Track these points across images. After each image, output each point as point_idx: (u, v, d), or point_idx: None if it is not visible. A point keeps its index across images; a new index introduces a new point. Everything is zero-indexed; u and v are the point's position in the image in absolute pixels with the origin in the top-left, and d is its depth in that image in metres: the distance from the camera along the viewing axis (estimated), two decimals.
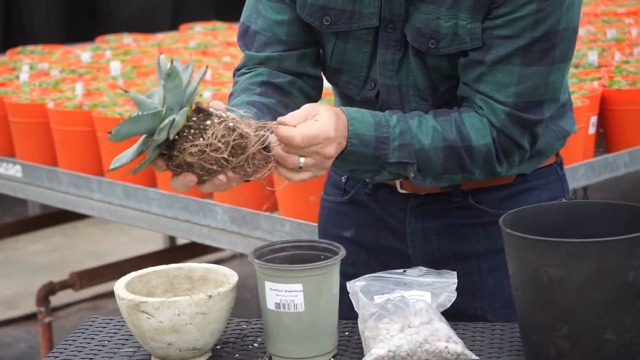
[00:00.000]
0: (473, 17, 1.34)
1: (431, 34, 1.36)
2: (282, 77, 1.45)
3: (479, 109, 1.37)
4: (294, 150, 1.28)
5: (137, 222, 2.59)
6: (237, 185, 1.31)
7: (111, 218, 2.68)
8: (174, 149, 1.24)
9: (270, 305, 1.26)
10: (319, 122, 1.29)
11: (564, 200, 1.52)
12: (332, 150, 1.29)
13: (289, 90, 1.45)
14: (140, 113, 1.23)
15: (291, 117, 1.29)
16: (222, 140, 1.23)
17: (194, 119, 1.25)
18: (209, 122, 1.24)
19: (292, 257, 1.32)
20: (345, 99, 1.51)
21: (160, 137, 1.23)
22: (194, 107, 1.26)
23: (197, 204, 2.41)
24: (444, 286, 1.31)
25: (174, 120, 1.23)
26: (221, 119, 1.25)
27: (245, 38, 1.47)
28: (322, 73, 1.50)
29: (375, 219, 1.54)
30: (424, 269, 1.35)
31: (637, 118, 2.61)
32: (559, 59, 1.35)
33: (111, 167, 1.27)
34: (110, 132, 1.23)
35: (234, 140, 1.24)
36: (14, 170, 2.88)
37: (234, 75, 1.49)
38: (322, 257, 1.31)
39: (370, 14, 1.40)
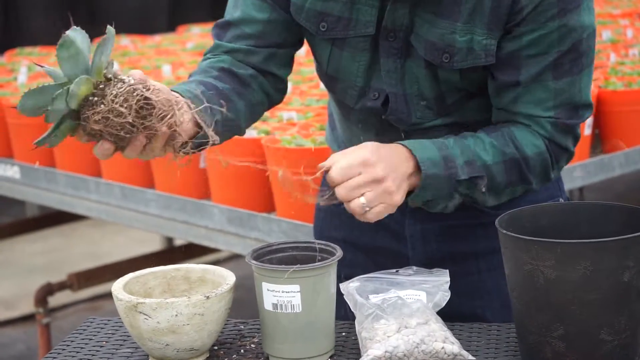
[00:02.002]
0: (489, 34, 1.36)
1: (445, 48, 1.37)
2: (244, 69, 1.45)
3: (525, 125, 1.39)
4: (344, 192, 1.27)
5: (135, 223, 2.60)
6: (164, 154, 1.28)
7: (109, 219, 2.68)
8: (82, 119, 1.23)
9: (268, 306, 1.27)
10: (349, 152, 1.30)
11: (561, 199, 1.53)
12: (378, 171, 1.27)
13: (248, 82, 1.45)
14: (46, 84, 1.21)
15: (328, 160, 1.30)
16: (125, 105, 1.21)
17: (100, 87, 1.23)
18: (114, 89, 1.22)
19: (289, 258, 1.33)
20: (343, 107, 1.51)
21: (55, 106, 1.21)
22: (105, 77, 1.24)
23: (194, 205, 2.41)
24: (438, 285, 1.31)
25: (68, 89, 1.21)
26: (129, 85, 1.22)
27: (220, 28, 1.48)
28: (287, 76, 1.50)
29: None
30: (415, 268, 1.35)
31: (633, 119, 2.62)
32: (586, 65, 1.38)
33: (34, 142, 1.26)
34: (16, 107, 1.22)
35: (137, 103, 1.21)
36: (12, 171, 2.88)
37: (202, 61, 1.49)
38: (319, 258, 1.32)
39: (367, 22, 1.40)
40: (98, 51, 1.24)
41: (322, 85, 2.79)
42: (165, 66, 3.16)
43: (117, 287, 1.32)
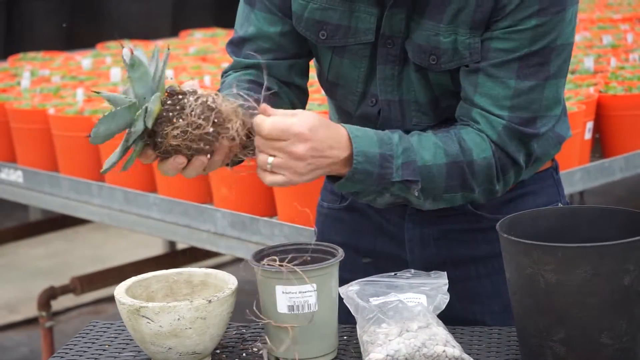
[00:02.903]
0: (472, 32, 1.35)
1: (431, 50, 1.37)
2: (269, 82, 1.45)
3: (475, 124, 1.37)
4: (264, 144, 1.26)
5: (137, 227, 2.60)
6: (222, 166, 1.29)
7: (111, 223, 2.69)
8: (157, 136, 1.24)
9: (282, 309, 1.26)
10: (295, 117, 1.27)
11: (560, 204, 1.53)
12: (301, 150, 1.26)
13: (277, 93, 1.45)
14: (115, 109, 1.23)
15: (273, 109, 1.28)
16: (202, 116, 1.23)
17: (169, 102, 1.24)
18: (185, 102, 1.23)
19: (290, 260, 1.33)
20: (343, 114, 1.51)
21: (137, 127, 1.22)
22: (167, 92, 1.25)
23: (196, 209, 2.42)
24: (437, 287, 1.32)
25: (146, 108, 1.22)
26: (197, 96, 1.24)
27: (235, 45, 1.48)
28: (306, 84, 1.50)
29: (373, 225, 1.55)
30: (413, 270, 1.35)
31: (633, 123, 2.62)
32: (553, 74, 1.35)
33: (102, 169, 1.27)
34: (89, 135, 1.23)
35: (212, 112, 1.23)
36: (15, 175, 2.89)
37: (221, 77, 1.50)
38: (320, 258, 1.32)
39: (367, 30, 1.40)
40: (158, 68, 1.26)
41: (323, 90, 2.79)
42: (168, 71, 3.17)
43: (120, 290, 1.33)
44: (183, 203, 2.45)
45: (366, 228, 1.55)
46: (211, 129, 1.23)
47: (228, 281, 1.35)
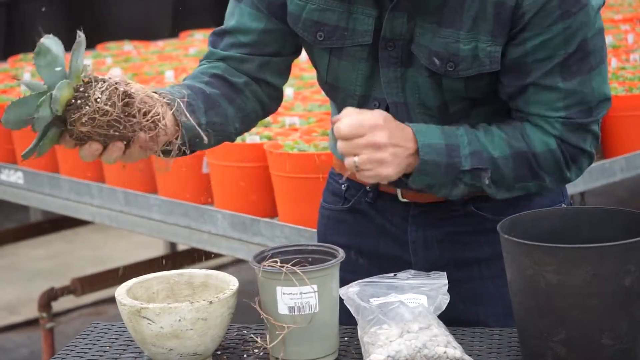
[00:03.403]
0: (493, 40, 1.36)
1: (450, 57, 1.37)
2: (237, 77, 1.46)
3: (537, 124, 1.39)
4: (345, 146, 1.29)
5: (138, 228, 2.60)
6: (145, 155, 1.29)
7: (112, 224, 2.69)
8: (68, 124, 1.24)
9: (283, 310, 1.27)
10: (364, 112, 1.32)
11: (563, 204, 1.53)
12: (381, 138, 1.29)
13: (241, 89, 1.46)
14: (26, 95, 1.22)
15: (344, 112, 1.32)
16: (109, 103, 1.22)
17: (81, 89, 1.24)
18: (97, 89, 1.23)
19: (292, 261, 1.33)
20: None
21: (41, 113, 1.22)
22: (83, 80, 1.24)
23: (197, 210, 2.42)
24: (437, 288, 1.32)
25: (52, 94, 1.22)
26: (106, 83, 1.23)
27: (216, 36, 1.49)
28: (282, 85, 1.51)
29: (376, 227, 1.55)
30: (413, 271, 1.36)
31: (634, 124, 2.62)
32: (596, 64, 1.37)
33: (22, 154, 1.27)
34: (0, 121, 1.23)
35: (120, 100, 1.23)
36: (16, 177, 2.89)
37: (198, 67, 1.50)
38: (321, 259, 1.32)
39: (364, 32, 1.40)
40: (73, 55, 1.25)
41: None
42: (168, 72, 3.17)
43: (121, 292, 1.33)
44: (183, 204, 2.45)
45: (369, 230, 1.55)
46: (118, 116, 1.23)
47: (229, 282, 1.35)
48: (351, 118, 1.30)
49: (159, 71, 3.30)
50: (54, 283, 3.25)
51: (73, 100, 1.23)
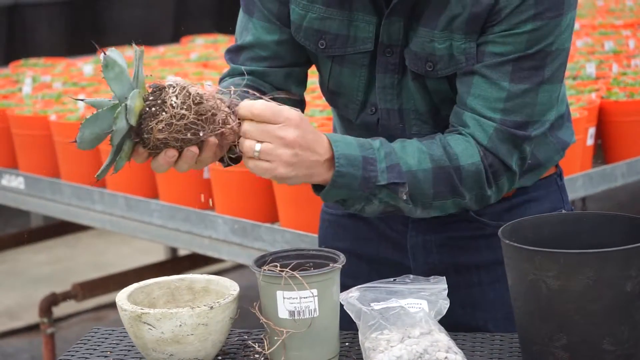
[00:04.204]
0: (467, 37, 1.35)
1: (427, 57, 1.36)
2: (266, 87, 1.46)
3: (466, 129, 1.35)
4: (253, 128, 1.23)
5: (139, 234, 2.60)
6: (214, 159, 1.27)
7: (113, 229, 2.69)
8: (143, 133, 1.24)
9: (283, 314, 1.27)
10: (284, 106, 1.26)
11: (564, 210, 1.53)
12: (292, 135, 1.23)
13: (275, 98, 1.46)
14: (97, 111, 1.23)
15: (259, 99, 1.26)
16: (184, 106, 1.22)
17: (151, 97, 1.24)
18: (165, 94, 1.23)
19: (293, 266, 1.33)
20: (345, 122, 1.51)
21: (119, 125, 1.22)
22: (149, 88, 1.25)
23: (198, 215, 2.42)
24: (436, 292, 1.32)
25: (126, 105, 1.22)
26: (177, 88, 1.23)
27: (232, 52, 1.49)
28: (304, 93, 1.50)
29: (376, 232, 1.55)
30: (412, 276, 1.35)
31: (635, 129, 2.63)
32: (548, 79, 1.34)
33: (96, 174, 1.26)
34: (75, 141, 1.22)
35: (194, 102, 1.23)
36: (17, 182, 2.89)
37: (218, 83, 1.49)
38: (322, 264, 1.32)
39: (365, 39, 1.40)
40: (137, 66, 1.25)
41: None
42: (170, 77, 3.18)
43: (122, 297, 1.33)
44: (184, 209, 2.45)
45: (369, 235, 1.55)
46: (195, 118, 1.23)
47: (230, 287, 1.35)
48: (272, 105, 1.23)
49: (160, 76, 3.31)
50: (55, 288, 3.25)
51: (147, 109, 1.23)
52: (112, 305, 3.74)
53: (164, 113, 1.22)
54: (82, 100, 1.27)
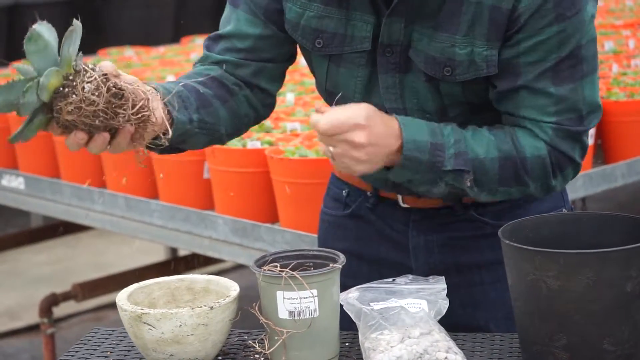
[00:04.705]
0: (489, 44, 1.36)
1: (446, 61, 1.37)
2: (232, 81, 1.46)
3: (528, 128, 1.39)
4: (323, 138, 1.30)
5: (139, 234, 2.60)
6: (131, 149, 1.29)
7: (113, 229, 2.69)
8: (54, 111, 1.24)
9: (283, 314, 1.27)
10: (348, 109, 1.31)
11: (564, 209, 1.53)
12: (361, 138, 1.29)
13: (234, 92, 1.46)
14: (14, 80, 1.22)
15: (328, 107, 1.32)
16: (96, 93, 1.22)
17: (70, 78, 1.23)
18: (85, 78, 1.23)
19: (292, 266, 1.33)
20: None
21: (27, 99, 1.21)
22: (74, 69, 1.24)
23: (198, 215, 2.42)
24: (436, 292, 1.32)
25: (39, 81, 1.21)
26: (95, 73, 1.23)
27: (211, 40, 1.49)
28: (276, 92, 1.51)
29: (377, 232, 1.55)
30: (412, 276, 1.36)
31: (635, 129, 2.63)
32: (587, 72, 1.37)
33: (9, 139, 1.27)
34: None
35: (108, 91, 1.22)
36: (17, 182, 2.89)
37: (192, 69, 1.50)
38: (322, 264, 1.32)
39: (363, 38, 1.40)
40: (66, 43, 1.24)
41: None
42: (170, 77, 3.18)
43: (122, 297, 1.33)
44: (184, 209, 2.45)
45: (370, 235, 1.55)
46: (105, 106, 1.22)
47: (230, 288, 1.35)
48: (333, 115, 1.29)
49: (160, 76, 3.31)
50: (55, 288, 3.25)
51: (61, 88, 1.23)
52: (112, 306, 3.74)
53: (74, 96, 1.22)
54: (7, 63, 1.27)
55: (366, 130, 1.29)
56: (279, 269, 1.27)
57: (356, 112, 1.30)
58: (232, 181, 2.35)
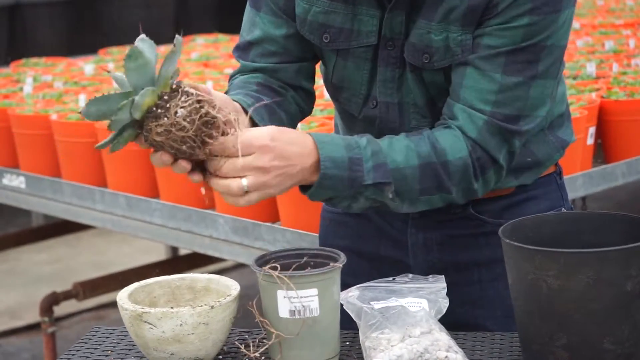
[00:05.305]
0: (464, 29, 1.35)
1: (424, 48, 1.37)
2: (277, 84, 1.46)
3: (455, 122, 1.35)
4: (233, 167, 1.24)
5: (140, 233, 2.60)
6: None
7: (114, 229, 2.69)
8: (144, 130, 1.24)
9: (284, 313, 1.27)
10: (254, 130, 1.27)
11: (563, 209, 1.53)
12: (266, 161, 1.24)
13: (283, 94, 1.46)
14: (110, 92, 1.22)
15: (235, 127, 1.26)
16: (187, 119, 1.21)
17: (165, 98, 1.22)
18: (179, 102, 1.22)
19: (293, 266, 1.34)
20: (347, 116, 1.52)
21: (120, 116, 1.21)
22: (171, 87, 1.23)
23: (199, 214, 2.42)
24: (436, 291, 1.32)
25: (133, 99, 1.21)
26: (190, 98, 1.22)
27: (241, 49, 1.48)
28: (313, 87, 1.51)
29: (376, 230, 1.55)
30: (411, 275, 1.35)
31: (635, 129, 2.63)
32: (541, 74, 1.34)
33: (96, 146, 1.27)
34: (80, 112, 1.23)
35: (200, 119, 1.21)
36: (18, 181, 2.89)
37: (229, 81, 1.50)
38: (322, 263, 1.32)
39: (369, 32, 1.41)
40: (165, 62, 1.24)
41: (326, 95, 2.79)
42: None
43: (122, 296, 1.33)
44: (185, 208, 2.45)
45: (369, 233, 1.56)
46: (194, 133, 1.22)
47: (231, 287, 1.35)
48: (240, 137, 1.24)
49: None
50: (55, 287, 3.26)
51: (154, 108, 1.22)
52: (113, 305, 3.74)
53: (165, 119, 1.21)
54: (108, 72, 1.27)
55: (272, 153, 1.25)
56: (279, 268, 1.28)
57: (261, 132, 1.26)
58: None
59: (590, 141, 2.54)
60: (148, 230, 2.56)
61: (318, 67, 1.54)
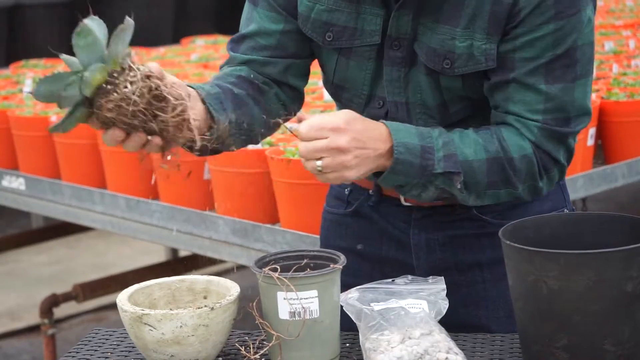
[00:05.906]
0: (488, 38, 1.36)
1: (446, 54, 1.37)
2: (261, 79, 1.46)
3: (514, 128, 1.38)
4: (306, 150, 1.28)
5: (140, 234, 2.60)
6: (165, 152, 1.29)
7: (114, 230, 2.69)
8: (95, 107, 1.24)
9: (284, 315, 1.27)
10: (327, 115, 1.31)
11: (565, 209, 1.53)
12: (343, 141, 1.28)
13: (265, 90, 1.46)
14: (59, 71, 1.22)
15: (307, 115, 1.31)
16: (137, 93, 1.22)
17: (114, 75, 1.23)
18: (128, 77, 1.22)
19: (292, 266, 1.33)
20: None
21: (69, 92, 1.21)
22: (121, 66, 1.24)
23: (198, 216, 2.42)
24: (435, 293, 1.32)
25: (82, 76, 1.21)
26: (140, 73, 1.23)
27: (234, 42, 1.49)
28: (304, 87, 1.51)
29: (378, 230, 1.55)
30: (411, 276, 1.36)
31: (635, 130, 2.63)
32: (580, 74, 1.37)
33: (49, 129, 1.27)
34: (30, 92, 1.23)
35: (149, 92, 1.22)
36: (17, 183, 2.89)
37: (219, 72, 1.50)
38: (323, 265, 1.32)
39: (373, 32, 1.41)
40: (114, 40, 1.24)
41: (326, 96, 2.79)
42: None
43: (122, 298, 1.33)
44: (185, 210, 2.45)
45: (372, 233, 1.55)
46: (145, 107, 1.22)
47: (230, 288, 1.35)
48: (312, 121, 1.29)
49: None
50: (55, 289, 3.25)
51: (104, 85, 1.23)
52: (113, 306, 3.74)
53: (115, 94, 1.22)
54: (59, 54, 1.26)
55: (348, 133, 1.29)
56: (279, 269, 1.27)
57: (335, 116, 1.30)
58: (232, 182, 2.35)
59: (590, 142, 2.54)
60: (148, 232, 2.56)
61: (318, 67, 1.54)
